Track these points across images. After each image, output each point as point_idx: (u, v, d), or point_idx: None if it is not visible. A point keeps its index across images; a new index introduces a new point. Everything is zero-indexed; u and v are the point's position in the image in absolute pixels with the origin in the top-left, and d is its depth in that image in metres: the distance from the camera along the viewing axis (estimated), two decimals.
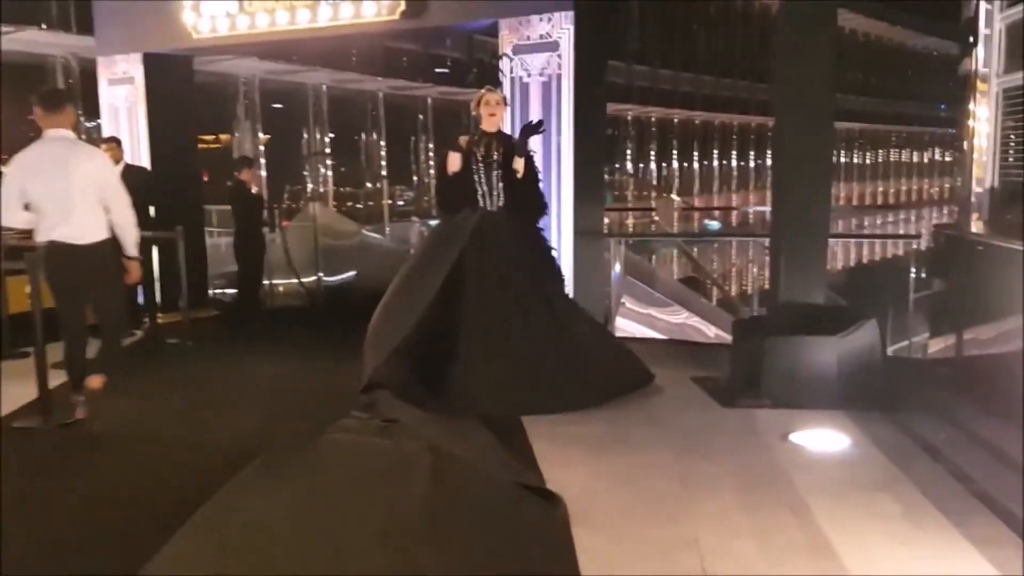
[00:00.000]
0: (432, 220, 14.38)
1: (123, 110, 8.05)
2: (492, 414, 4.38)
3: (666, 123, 27.68)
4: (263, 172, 14.96)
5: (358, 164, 18.48)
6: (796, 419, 4.36)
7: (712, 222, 22.41)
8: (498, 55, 6.20)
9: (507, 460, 3.81)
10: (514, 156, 4.91)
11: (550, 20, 6.02)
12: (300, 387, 5.40)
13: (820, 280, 5.18)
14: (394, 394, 4.55)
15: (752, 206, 29.10)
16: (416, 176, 19.78)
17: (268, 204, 9.55)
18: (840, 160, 34.66)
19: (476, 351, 4.66)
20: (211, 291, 8.92)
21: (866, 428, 4.25)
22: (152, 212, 6.81)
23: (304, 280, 9.45)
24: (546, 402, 4.56)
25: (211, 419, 4.79)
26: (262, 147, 15.91)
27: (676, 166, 28.28)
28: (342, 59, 16.26)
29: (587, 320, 5.20)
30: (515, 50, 6.16)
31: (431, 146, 19.60)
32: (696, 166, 29.08)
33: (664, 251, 16.12)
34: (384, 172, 18.61)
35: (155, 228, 6.56)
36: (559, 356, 4.75)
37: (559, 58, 6.02)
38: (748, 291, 14.71)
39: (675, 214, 18.61)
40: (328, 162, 17.47)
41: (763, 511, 3.30)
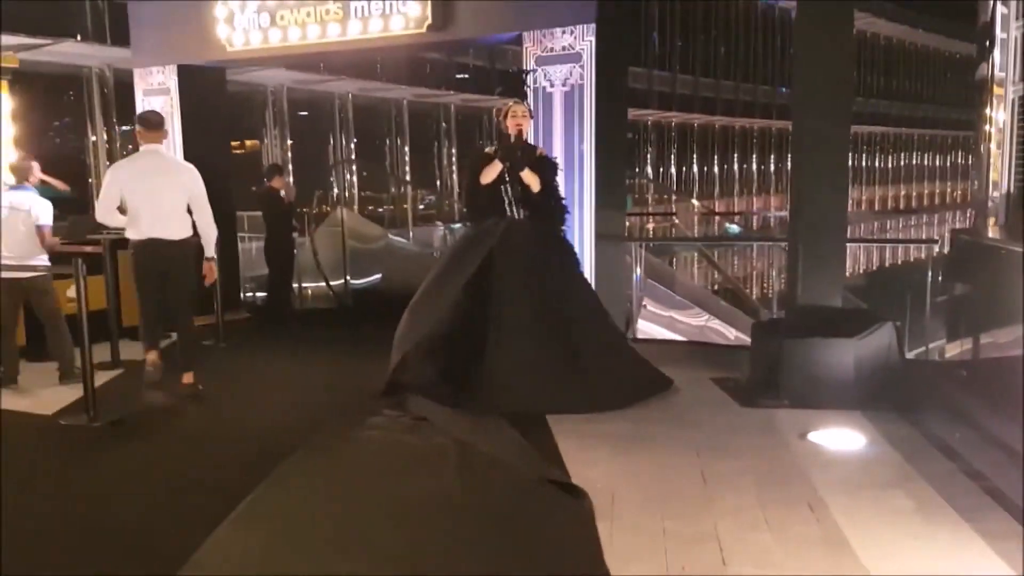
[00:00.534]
0: (454, 224, 14.59)
1: None
2: (518, 411, 4.50)
3: (686, 127, 27.69)
4: (290, 178, 15.22)
5: (382, 169, 18.74)
6: (814, 419, 4.45)
7: (732, 225, 22.37)
8: (522, 68, 6.33)
9: (533, 456, 3.94)
10: (534, 167, 5.02)
11: (572, 33, 6.14)
12: (330, 386, 5.56)
13: (838, 283, 5.22)
14: (422, 393, 4.71)
15: (773, 210, 29.04)
16: (439, 181, 20.01)
17: (297, 209, 9.74)
18: (863, 164, 34.49)
19: (503, 351, 4.78)
20: (243, 294, 9.14)
21: (882, 427, 4.32)
22: None
23: (332, 283, 9.63)
24: (572, 402, 4.67)
25: (245, 417, 4.98)
26: (289, 153, 16.20)
27: (696, 170, 28.29)
28: (368, 68, 16.49)
29: (611, 326, 5.31)
30: (538, 61, 6.28)
31: (453, 152, 19.82)
32: (716, 170, 29.07)
33: (685, 254, 16.17)
34: (408, 177, 18.85)
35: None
36: (585, 357, 4.86)
37: (581, 69, 6.14)
38: (768, 294, 14.73)
39: (695, 218, 18.63)
40: (353, 168, 17.74)
41: (781, 507, 3.39)
